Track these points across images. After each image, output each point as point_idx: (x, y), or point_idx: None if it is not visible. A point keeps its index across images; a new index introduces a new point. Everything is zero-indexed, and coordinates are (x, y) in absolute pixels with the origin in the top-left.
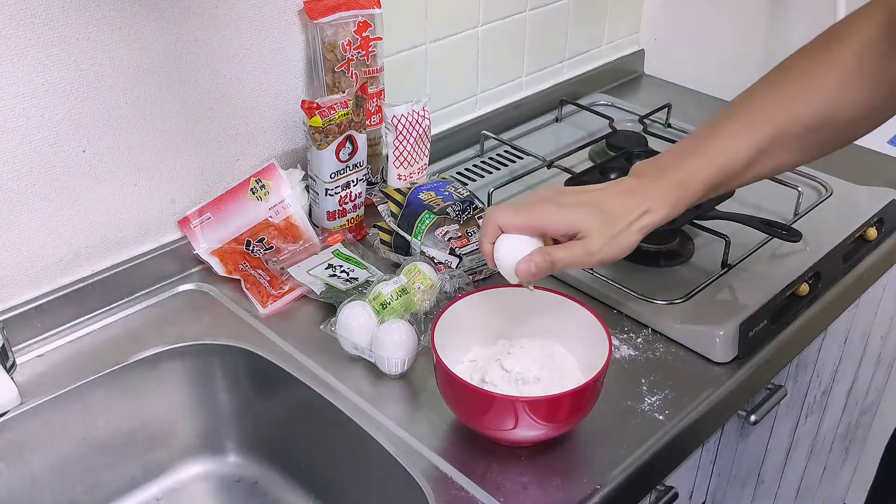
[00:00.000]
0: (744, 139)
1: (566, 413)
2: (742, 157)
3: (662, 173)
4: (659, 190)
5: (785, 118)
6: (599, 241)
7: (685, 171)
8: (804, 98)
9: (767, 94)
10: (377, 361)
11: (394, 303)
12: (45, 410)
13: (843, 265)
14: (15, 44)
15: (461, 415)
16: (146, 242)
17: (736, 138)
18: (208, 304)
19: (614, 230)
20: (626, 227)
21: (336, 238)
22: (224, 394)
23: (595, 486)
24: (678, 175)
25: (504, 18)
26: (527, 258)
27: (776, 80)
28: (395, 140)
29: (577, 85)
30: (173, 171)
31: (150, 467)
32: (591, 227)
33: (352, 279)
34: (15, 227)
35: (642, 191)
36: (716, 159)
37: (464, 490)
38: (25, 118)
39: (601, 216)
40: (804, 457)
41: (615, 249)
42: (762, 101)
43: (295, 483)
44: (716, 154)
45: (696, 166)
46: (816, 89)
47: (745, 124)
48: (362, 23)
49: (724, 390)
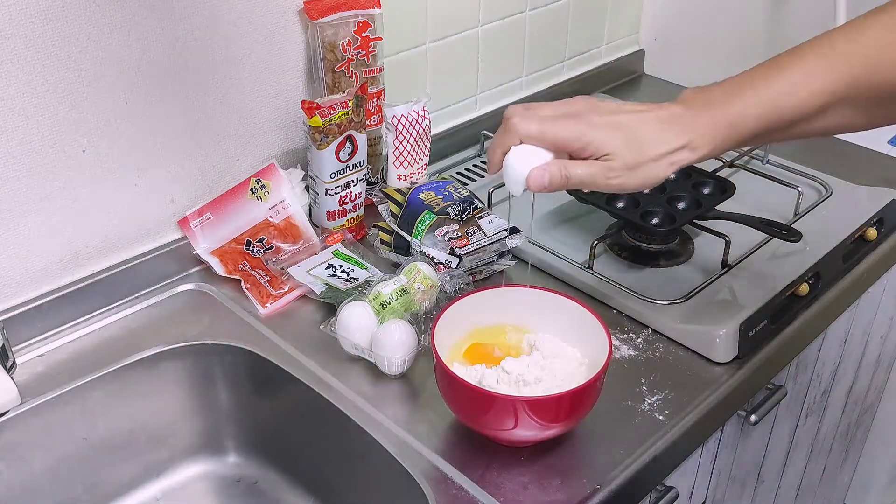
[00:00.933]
0: (811, 83)
1: (566, 413)
2: (805, 104)
3: (711, 106)
4: (704, 124)
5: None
6: (622, 166)
7: (737, 108)
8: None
9: (850, 36)
10: (377, 361)
11: (394, 303)
12: (45, 410)
13: (843, 265)
14: (15, 44)
15: (461, 415)
16: (146, 242)
17: (802, 81)
18: (208, 304)
19: (642, 158)
20: (656, 158)
21: (336, 238)
22: (224, 394)
23: (595, 486)
24: (729, 112)
25: (504, 18)
26: (542, 167)
27: (863, 23)
28: (395, 140)
29: (577, 85)
30: (173, 171)
31: (150, 467)
32: (617, 149)
33: (352, 279)
34: (15, 227)
35: (685, 121)
36: (774, 102)
37: (464, 490)
38: (25, 118)
39: (631, 140)
40: (804, 457)
41: (638, 178)
42: (842, 43)
43: (295, 483)
44: (775, 97)
45: (750, 106)
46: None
47: (816, 66)
48: (362, 23)
49: (724, 390)
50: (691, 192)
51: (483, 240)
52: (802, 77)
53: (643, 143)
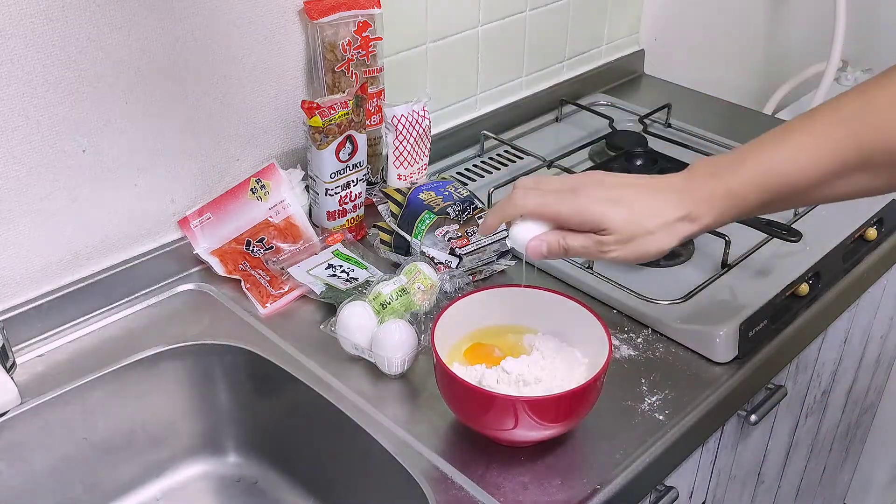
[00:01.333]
0: (818, 150)
1: (566, 413)
2: (812, 172)
3: (715, 175)
4: (704, 196)
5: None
6: (616, 240)
7: (739, 177)
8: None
9: (855, 103)
10: (377, 361)
11: (394, 303)
12: (45, 410)
13: (843, 265)
14: (15, 44)
15: (461, 415)
16: (146, 242)
17: (809, 148)
18: (208, 304)
19: (638, 231)
20: (653, 230)
21: (336, 238)
22: (224, 394)
23: (595, 486)
24: (730, 182)
25: (504, 18)
26: (539, 237)
27: (870, 88)
28: (395, 140)
29: (577, 85)
30: (173, 171)
31: (150, 467)
32: (613, 224)
33: (352, 279)
34: (15, 227)
35: (685, 193)
36: (778, 170)
37: (464, 490)
38: (25, 118)
39: (629, 214)
40: (804, 457)
41: (634, 251)
42: (851, 107)
43: (295, 483)
44: (781, 164)
45: (754, 175)
46: None
47: (824, 133)
48: (362, 23)
49: (724, 390)
50: None
51: (483, 240)
52: (810, 144)
53: (640, 217)
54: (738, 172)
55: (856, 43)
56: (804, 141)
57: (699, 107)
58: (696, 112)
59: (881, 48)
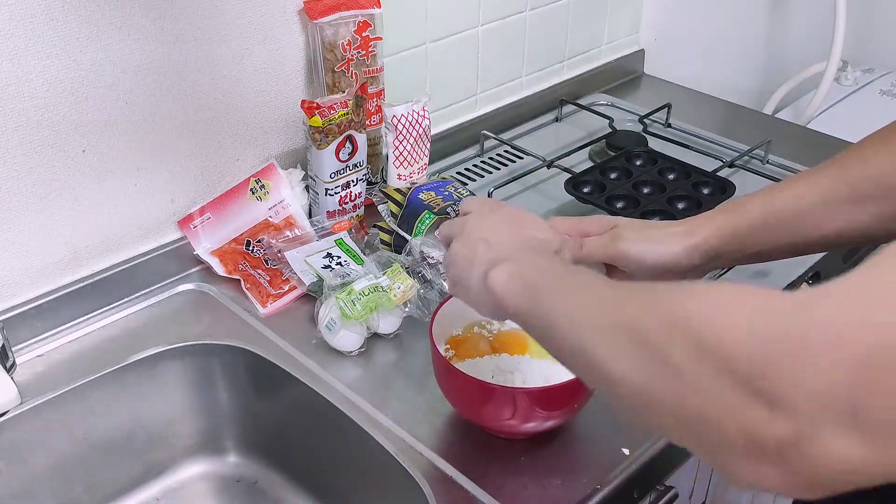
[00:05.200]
0: (809, 181)
1: (562, 402)
2: (803, 203)
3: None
4: (705, 217)
5: (857, 166)
6: (631, 234)
7: (739, 205)
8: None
9: (849, 151)
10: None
11: (364, 298)
12: (45, 410)
13: (843, 265)
14: (15, 44)
15: (461, 408)
16: (146, 242)
17: (801, 180)
18: (208, 304)
19: (649, 231)
20: (662, 232)
21: (343, 226)
22: (224, 394)
23: (595, 486)
24: (729, 205)
25: (504, 18)
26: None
27: (864, 140)
28: (395, 140)
29: (577, 85)
30: (173, 171)
31: (150, 467)
32: (627, 222)
33: (343, 274)
34: (15, 227)
35: (689, 219)
36: (776, 197)
37: (464, 490)
38: (25, 118)
39: (640, 221)
40: None
41: (645, 248)
42: (841, 155)
43: (295, 483)
44: (778, 192)
45: (750, 201)
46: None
47: (816, 172)
48: (362, 23)
49: None
50: (691, 192)
51: None
52: (804, 177)
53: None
54: (740, 203)
55: (856, 43)
56: (800, 177)
57: (699, 107)
58: (696, 112)
59: (881, 48)
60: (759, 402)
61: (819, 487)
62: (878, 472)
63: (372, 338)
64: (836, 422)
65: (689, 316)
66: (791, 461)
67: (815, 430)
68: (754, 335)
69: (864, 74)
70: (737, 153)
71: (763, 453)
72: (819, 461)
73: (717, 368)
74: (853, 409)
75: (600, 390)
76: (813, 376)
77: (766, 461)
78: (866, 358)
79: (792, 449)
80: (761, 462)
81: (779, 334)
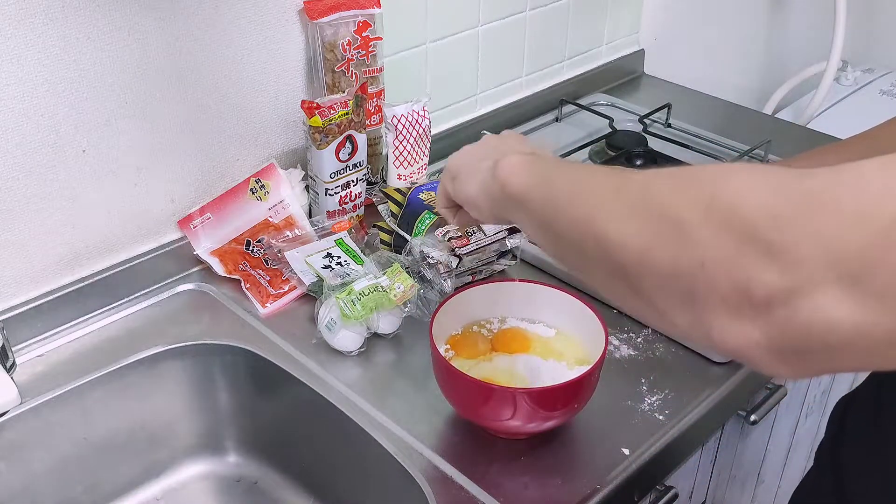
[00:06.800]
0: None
1: (563, 402)
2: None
3: None
4: None
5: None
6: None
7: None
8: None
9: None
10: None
11: (364, 298)
12: (45, 410)
13: None
14: (15, 44)
15: (461, 408)
16: (146, 242)
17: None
18: (208, 304)
19: None
20: None
21: (343, 226)
22: (224, 394)
23: (595, 486)
24: None
25: (504, 18)
26: None
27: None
28: (395, 140)
29: (577, 85)
30: (173, 171)
31: (150, 467)
32: None
33: (343, 274)
34: (15, 227)
35: None
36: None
37: (464, 490)
38: (25, 118)
39: None
40: (804, 457)
41: None
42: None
43: (295, 483)
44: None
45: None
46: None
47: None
48: (362, 23)
49: (724, 390)
50: None
51: (483, 239)
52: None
53: None
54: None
55: (856, 43)
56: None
57: (699, 107)
58: (696, 112)
59: (881, 48)
60: (759, 252)
61: (795, 353)
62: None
63: (372, 338)
64: (838, 282)
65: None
66: (776, 316)
67: (812, 286)
68: (780, 188)
69: (864, 74)
70: (737, 153)
71: (749, 306)
72: (806, 318)
73: (725, 220)
74: (859, 273)
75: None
76: (831, 232)
77: (750, 316)
78: (890, 225)
79: (782, 301)
80: (744, 317)
81: (808, 190)
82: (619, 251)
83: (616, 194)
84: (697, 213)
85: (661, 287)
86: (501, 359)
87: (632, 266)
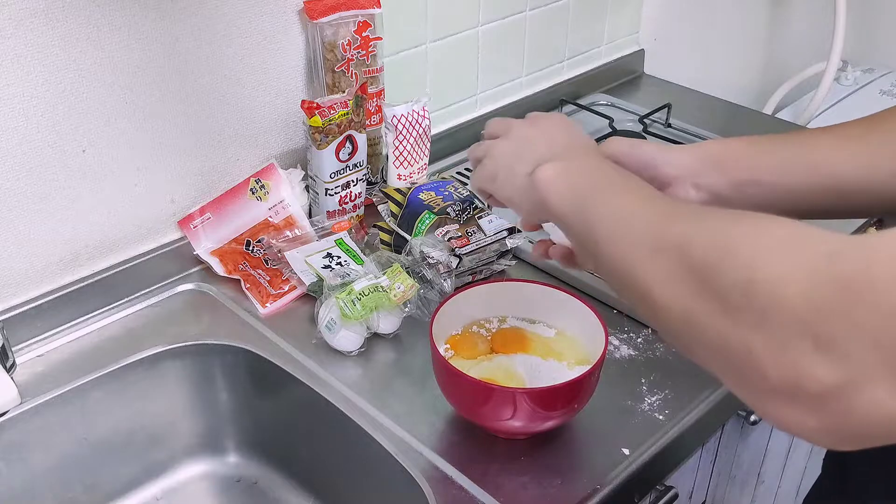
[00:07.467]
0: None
1: (563, 402)
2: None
3: None
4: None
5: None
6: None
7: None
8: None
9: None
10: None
11: (364, 298)
12: (45, 410)
13: None
14: (15, 44)
15: (461, 408)
16: (146, 242)
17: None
18: (208, 304)
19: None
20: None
21: (343, 226)
22: (224, 394)
23: (595, 486)
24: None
25: (504, 18)
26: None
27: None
28: (395, 140)
29: (577, 85)
30: (173, 171)
31: (150, 467)
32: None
33: (343, 274)
34: (15, 227)
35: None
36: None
37: (464, 490)
38: (25, 118)
39: None
40: (804, 457)
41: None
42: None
43: (295, 483)
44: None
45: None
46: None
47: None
48: (362, 23)
49: (724, 390)
50: None
51: (483, 240)
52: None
53: None
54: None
55: (856, 43)
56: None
57: (699, 107)
58: (696, 112)
59: (881, 48)
60: (806, 346)
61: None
62: None
63: (372, 338)
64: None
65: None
66: (831, 408)
67: (865, 379)
68: (816, 276)
69: (864, 74)
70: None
71: (802, 397)
72: (862, 411)
73: (768, 306)
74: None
75: (641, 313)
76: (874, 322)
77: (803, 405)
78: None
79: (835, 396)
80: (798, 406)
81: (843, 277)
82: (664, 313)
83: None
84: (737, 294)
85: (712, 357)
86: (501, 359)
87: (679, 325)
